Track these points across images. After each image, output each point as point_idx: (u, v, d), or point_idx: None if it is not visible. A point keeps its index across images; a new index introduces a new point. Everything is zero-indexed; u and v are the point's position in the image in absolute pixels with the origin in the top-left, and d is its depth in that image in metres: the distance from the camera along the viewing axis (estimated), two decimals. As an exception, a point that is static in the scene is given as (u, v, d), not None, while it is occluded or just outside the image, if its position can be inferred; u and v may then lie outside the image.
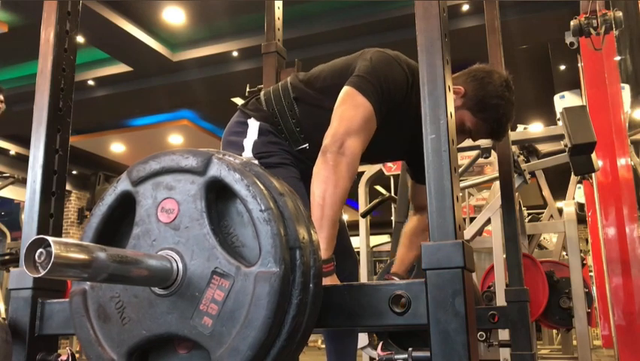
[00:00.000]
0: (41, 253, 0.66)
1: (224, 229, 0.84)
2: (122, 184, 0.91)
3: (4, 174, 5.36)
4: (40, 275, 0.65)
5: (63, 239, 0.67)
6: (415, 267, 2.17)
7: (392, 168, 4.93)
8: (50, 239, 0.65)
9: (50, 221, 1.14)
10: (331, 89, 1.64)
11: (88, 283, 0.88)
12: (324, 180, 1.47)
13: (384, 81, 1.59)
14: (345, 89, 1.59)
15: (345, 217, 2.18)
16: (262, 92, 1.83)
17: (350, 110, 1.55)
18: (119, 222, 0.92)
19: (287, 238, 0.81)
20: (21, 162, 10.22)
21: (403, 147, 1.87)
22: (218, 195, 0.85)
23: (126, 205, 0.90)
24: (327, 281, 1.44)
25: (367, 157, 1.69)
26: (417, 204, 2.04)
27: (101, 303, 0.86)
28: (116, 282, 0.81)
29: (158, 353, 0.85)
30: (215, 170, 0.84)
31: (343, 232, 1.91)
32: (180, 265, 0.82)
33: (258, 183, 0.83)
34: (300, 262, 0.81)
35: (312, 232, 0.87)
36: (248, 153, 1.69)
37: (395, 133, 1.73)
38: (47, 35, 1.19)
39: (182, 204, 0.85)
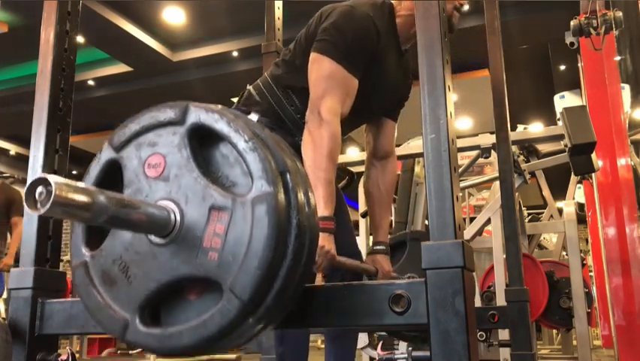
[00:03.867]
0: (42, 192, 0.67)
1: (213, 174, 0.86)
2: (105, 153, 0.91)
3: (4, 174, 5.36)
4: (39, 213, 0.67)
5: (65, 180, 0.68)
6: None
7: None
8: (51, 178, 0.66)
9: (50, 221, 1.14)
10: (307, 65, 1.64)
11: (88, 254, 0.89)
12: (309, 147, 1.51)
13: (347, 36, 1.58)
14: (311, 56, 1.60)
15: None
16: (251, 87, 1.81)
17: (318, 75, 1.57)
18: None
19: (275, 163, 0.83)
20: (21, 162, 10.22)
21: (397, 90, 1.85)
22: (201, 144, 0.87)
23: (113, 173, 0.90)
24: (324, 239, 1.45)
25: (367, 113, 1.72)
26: (384, 149, 1.92)
27: (104, 269, 0.87)
28: (116, 225, 0.81)
29: (168, 306, 0.86)
30: (194, 116, 0.86)
31: (348, 232, 1.90)
32: (177, 211, 0.83)
33: (238, 119, 0.85)
34: (292, 185, 0.83)
35: (297, 162, 0.88)
36: None
37: (385, 78, 1.73)
38: (47, 35, 1.19)
39: (168, 156, 0.86)
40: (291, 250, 0.81)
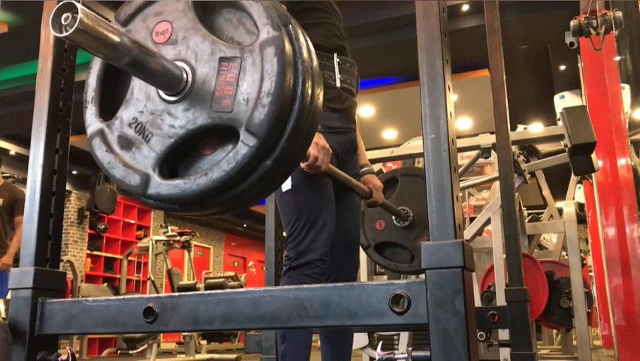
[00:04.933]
0: (68, 16, 0.70)
1: (218, 37, 0.89)
2: None
3: (4, 174, 5.36)
4: (64, 35, 0.69)
5: (93, 13, 0.72)
6: None
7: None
8: (79, 5, 0.69)
9: (50, 221, 1.14)
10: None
11: (104, 123, 0.91)
12: None
13: None
14: None
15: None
16: None
17: None
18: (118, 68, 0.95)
19: (278, 13, 0.86)
20: (21, 162, 10.21)
21: None
22: (204, 10, 0.90)
23: None
24: (315, 137, 1.51)
25: None
26: None
27: (119, 134, 0.90)
28: (136, 70, 0.83)
29: (186, 162, 0.88)
30: None
31: (354, 231, 1.90)
32: (187, 68, 0.86)
33: None
34: (295, 34, 0.86)
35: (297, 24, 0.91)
36: None
37: None
38: (47, 35, 1.19)
39: (174, 21, 0.90)
40: (300, 93, 0.83)
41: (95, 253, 9.99)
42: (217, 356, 6.54)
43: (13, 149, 10.28)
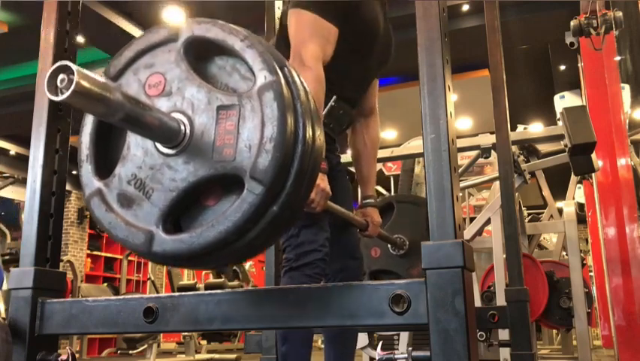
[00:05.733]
0: (63, 78, 0.68)
1: (213, 85, 0.87)
2: None
3: (4, 174, 5.36)
4: (60, 99, 0.68)
5: (88, 72, 0.70)
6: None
7: (392, 168, 4.93)
8: (74, 67, 0.68)
9: (50, 221, 1.14)
10: None
11: (101, 182, 0.90)
12: None
13: None
14: (289, 13, 1.63)
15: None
16: None
17: (297, 26, 1.60)
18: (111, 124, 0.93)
19: (274, 57, 0.84)
20: (21, 162, 10.21)
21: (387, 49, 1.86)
22: (196, 60, 0.88)
23: None
24: (317, 179, 1.46)
25: (361, 68, 1.75)
26: (368, 106, 1.95)
27: (119, 192, 0.88)
28: (131, 125, 0.82)
29: (189, 215, 0.86)
30: (187, 31, 0.88)
31: (350, 230, 1.90)
32: (185, 119, 0.84)
33: (228, 25, 0.87)
34: (291, 78, 0.85)
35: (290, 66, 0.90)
36: None
37: (376, 26, 1.75)
38: (47, 35, 1.19)
39: (167, 73, 0.87)
40: (301, 136, 0.82)
41: (95, 253, 9.99)
42: (217, 356, 6.54)
43: (13, 149, 10.28)
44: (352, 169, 2.81)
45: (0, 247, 7.34)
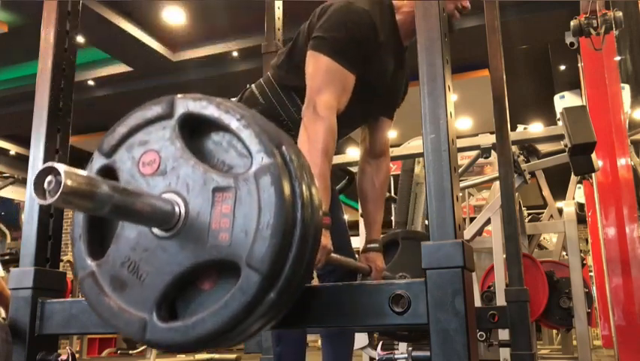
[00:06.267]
0: (50, 181, 0.67)
1: (208, 163, 0.85)
2: (97, 161, 0.89)
3: (4, 174, 5.36)
4: (48, 202, 0.66)
5: (73, 169, 0.68)
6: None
7: (392, 168, 4.93)
8: (61, 168, 0.66)
9: (50, 221, 1.14)
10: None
11: (93, 264, 0.87)
12: (304, 142, 1.48)
13: (343, 32, 1.57)
14: (308, 54, 1.59)
15: (346, 217, 2.17)
16: (253, 86, 1.80)
17: (315, 71, 1.56)
18: None
19: (270, 137, 0.82)
20: (21, 162, 10.21)
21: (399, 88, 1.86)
22: (191, 135, 0.86)
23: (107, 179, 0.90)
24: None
25: (366, 112, 1.74)
26: (379, 147, 1.92)
27: (112, 275, 0.85)
28: (121, 215, 0.80)
29: (184, 300, 0.84)
30: (182, 107, 0.85)
31: (343, 232, 1.91)
32: (179, 201, 0.82)
33: (226, 102, 0.86)
34: (290, 158, 0.83)
35: (288, 137, 0.89)
36: None
37: (384, 76, 1.73)
38: (47, 35, 1.19)
39: (161, 150, 0.85)
40: (300, 218, 0.80)
41: (95, 253, 9.97)
42: (217, 356, 6.53)
43: (13, 149, 10.29)
44: (352, 169, 2.80)
45: (0, 246, 7.34)
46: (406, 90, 1.93)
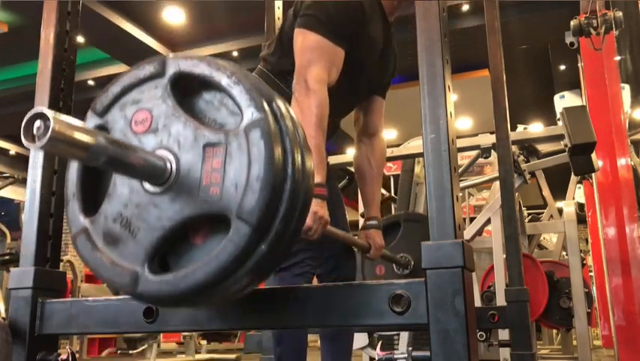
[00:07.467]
0: (39, 126, 0.66)
1: (200, 120, 0.86)
2: (90, 121, 0.90)
3: (4, 174, 5.35)
4: (37, 147, 0.66)
5: (65, 117, 0.68)
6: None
7: (392, 168, 4.93)
8: (49, 113, 0.65)
9: (50, 221, 1.14)
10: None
11: (86, 220, 0.88)
12: (297, 116, 1.48)
13: (330, 8, 1.59)
14: (295, 32, 1.61)
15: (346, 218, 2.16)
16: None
17: (303, 47, 1.58)
18: None
19: (261, 93, 0.83)
20: (21, 162, 10.22)
21: (387, 67, 1.85)
22: (183, 95, 0.87)
23: None
24: (317, 205, 1.46)
25: (359, 91, 1.74)
26: (373, 126, 1.92)
27: (105, 230, 0.87)
28: (115, 168, 0.81)
29: (176, 254, 0.85)
30: (174, 66, 0.86)
31: (343, 229, 1.90)
32: (171, 157, 0.83)
33: (216, 60, 0.86)
34: (280, 112, 0.83)
35: (280, 98, 0.89)
36: None
37: (373, 50, 1.74)
38: (47, 35, 1.19)
39: (153, 109, 0.86)
40: (290, 172, 0.81)
41: (95, 253, 9.97)
42: (217, 356, 6.54)
43: (13, 149, 10.29)
44: (352, 169, 2.80)
45: (0, 246, 7.33)
46: (394, 69, 1.93)
